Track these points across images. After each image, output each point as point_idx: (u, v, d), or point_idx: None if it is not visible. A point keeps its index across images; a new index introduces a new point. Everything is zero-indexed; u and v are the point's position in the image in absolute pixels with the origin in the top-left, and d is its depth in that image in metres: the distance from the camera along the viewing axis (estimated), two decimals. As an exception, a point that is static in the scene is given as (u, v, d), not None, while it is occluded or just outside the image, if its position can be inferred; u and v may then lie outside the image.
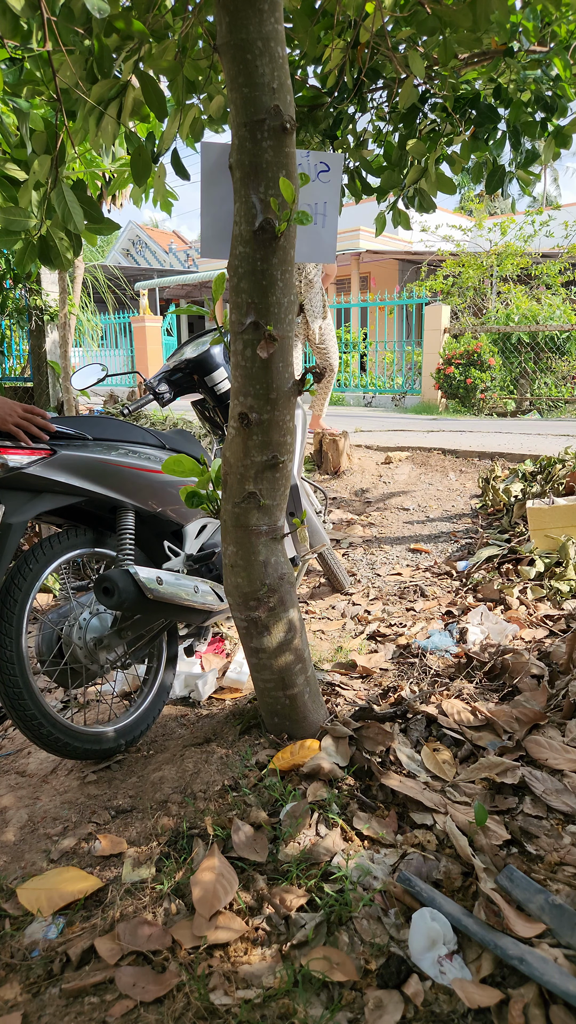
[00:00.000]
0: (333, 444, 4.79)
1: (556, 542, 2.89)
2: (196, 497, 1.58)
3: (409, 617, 2.76)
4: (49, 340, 7.16)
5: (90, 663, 1.89)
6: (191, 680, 2.35)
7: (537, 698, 1.80)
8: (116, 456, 1.90)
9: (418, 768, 1.55)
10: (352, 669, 2.31)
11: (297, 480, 2.59)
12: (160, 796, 1.66)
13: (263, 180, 1.27)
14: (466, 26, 2.02)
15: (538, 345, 9.82)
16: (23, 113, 2.05)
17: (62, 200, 2.16)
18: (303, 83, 2.61)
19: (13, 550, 1.71)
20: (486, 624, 2.44)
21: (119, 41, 1.99)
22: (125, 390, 11.76)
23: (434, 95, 2.49)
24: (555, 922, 1.09)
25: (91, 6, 1.67)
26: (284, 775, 1.56)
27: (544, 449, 4.71)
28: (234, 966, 1.11)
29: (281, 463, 1.48)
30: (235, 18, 1.20)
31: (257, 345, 1.34)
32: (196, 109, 2.33)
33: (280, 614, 1.59)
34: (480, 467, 4.69)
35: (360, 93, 2.48)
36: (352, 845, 1.35)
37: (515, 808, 1.41)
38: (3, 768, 2.00)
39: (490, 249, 11.33)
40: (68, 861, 1.50)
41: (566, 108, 2.46)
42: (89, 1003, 1.09)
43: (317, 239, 1.94)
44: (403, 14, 2.19)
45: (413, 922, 1.11)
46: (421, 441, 5.51)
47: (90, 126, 2.10)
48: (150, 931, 1.19)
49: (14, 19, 1.91)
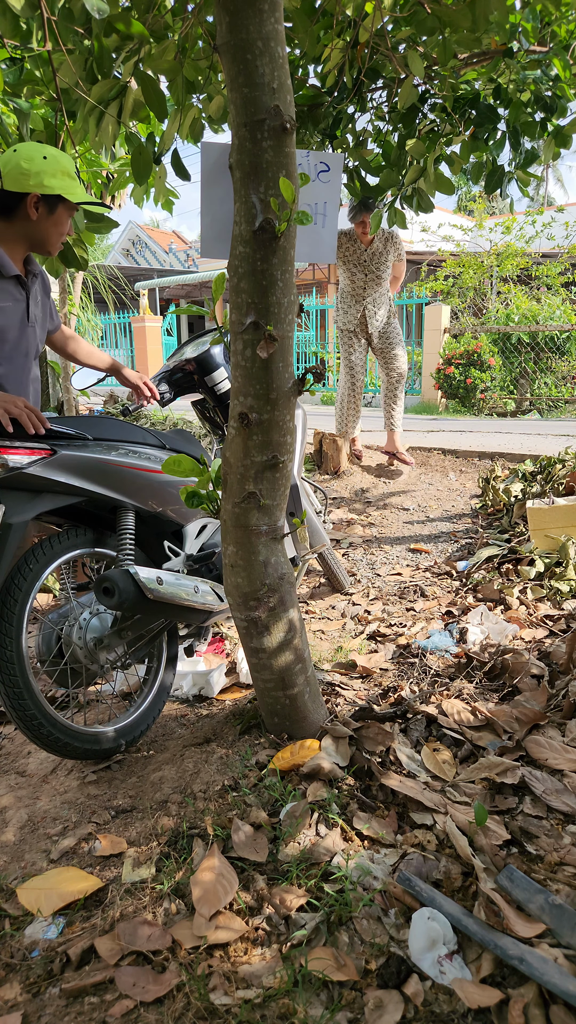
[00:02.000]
0: (333, 444, 4.79)
1: (556, 542, 2.89)
2: (196, 497, 1.58)
3: (409, 617, 2.76)
4: (49, 340, 7.11)
5: (90, 663, 1.89)
6: (200, 678, 2.35)
7: (537, 698, 1.80)
8: (116, 456, 1.90)
9: (418, 768, 1.55)
10: (352, 669, 2.31)
11: (297, 480, 2.59)
12: (160, 796, 1.66)
13: (263, 180, 1.27)
14: (465, 26, 2.02)
15: (538, 345, 9.82)
16: (23, 113, 2.05)
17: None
18: (303, 83, 2.61)
19: (13, 550, 1.71)
20: (486, 624, 2.44)
21: (119, 41, 1.99)
22: (125, 390, 11.76)
23: (434, 95, 2.49)
24: (555, 922, 1.09)
25: (91, 6, 1.67)
26: (284, 775, 1.56)
27: (544, 449, 4.71)
28: (234, 966, 1.11)
29: (281, 463, 1.48)
30: (235, 18, 1.20)
31: (257, 345, 1.34)
32: (196, 109, 2.33)
33: (280, 614, 1.59)
34: (480, 467, 4.70)
35: (360, 93, 2.48)
36: (352, 845, 1.35)
37: (515, 808, 1.41)
38: (3, 768, 2.00)
39: (490, 249, 11.33)
40: (68, 861, 1.50)
41: (566, 108, 2.46)
42: (89, 1003, 1.09)
43: (317, 239, 1.94)
44: (402, 14, 2.20)
45: (413, 922, 1.11)
46: (421, 441, 5.51)
47: (90, 126, 2.10)
48: (150, 931, 1.19)
49: (14, 19, 1.91)
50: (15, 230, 1.91)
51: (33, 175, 1.82)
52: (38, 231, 1.92)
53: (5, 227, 1.91)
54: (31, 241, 1.95)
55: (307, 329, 12.72)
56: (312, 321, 12.81)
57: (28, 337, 2.01)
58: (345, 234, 4.47)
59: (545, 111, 2.45)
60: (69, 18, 1.92)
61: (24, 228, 1.91)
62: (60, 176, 1.86)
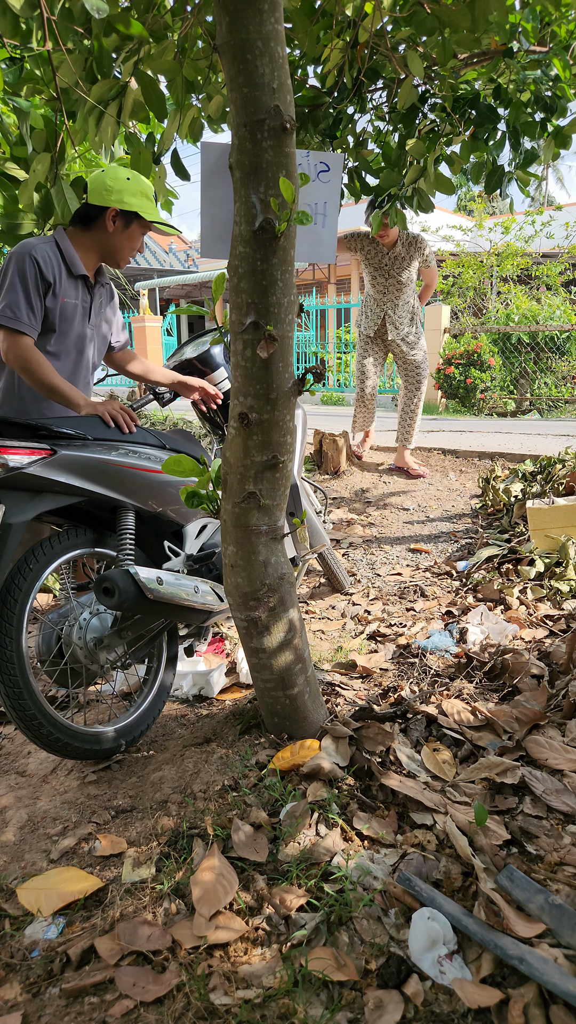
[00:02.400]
0: (333, 444, 4.79)
1: (556, 542, 2.89)
2: (196, 497, 1.58)
3: (409, 617, 2.76)
4: (49, 340, 7.12)
5: (90, 663, 1.89)
6: (200, 678, 2.35)
7: (537, 698, 1.80)
8: (116, 456, 1.90)
9: (418, 768, 1.55)
10: (352, 669, 2.31)
11: (297, 480, 2.59)
12: (160, 796, 1.66)
13: (263, 180, 1.27)
14: (465, 26, 2.02)
15: (538, 345, 9.82)
16: (23, 112, 2.05)
17: (61, 198, 2.16)
18: (303, 83, 2.61)
19: (13, 550, 1.71)
20: (486, 624, 2.44)
21: (118, 41, 1.99)
22: (125, 390, 11.77)
23: (433, 95, 2.49)
24: (555, 922, 1.09)
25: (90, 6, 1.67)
26: (284, 775, 1.56)
27: (544, 449, 4.71)
28: (234, 966, 1.11)
29: (281, 463, 1.48)
30: (235, 18, 1.20)
31: (257, 345, 1.34)
32: (196, 109, 2.33)
33: (280, 614, 1.59)
34: (480, 467, 4.70)
35: (360, 93, 2.48)
36: (352, 845, 1.35)
37: (515, 808, 1.41)
38: (3, 768, 2.00)
39: (490, 249, 11.33)
40: (68, 861, 1.50)
41: (565, 108, 2.46)
42: (89, 1003, 1.09)
43: (317, 239, 1.94)
44: (402, 14, 2.20)
45: (413, 922, 1.11)
46: (421, 441, 5.51)
47: (90, 126, 2.10)
48: (150, 931, 1.19)
49: (14, 19, 1.91)
50: (92, 239, 2.13)
51: (115, 192, 2.05)
52: (112, 242, 2.14)
53: (83, 235, 2.13)
54: (104, 251, 2.17)
55: (307, 329, 12.72)
56: (312, 321, 12.81)
57: (85, 337, 2.20)
58: (366, 236, 4.25)
59: (545, 111, 2.45)
60: (69, 18, 1.92)
61: (100, 238, 2.13)
62: (139, 196, 2.09)
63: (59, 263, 2.06)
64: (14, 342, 1.96)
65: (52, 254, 2.05)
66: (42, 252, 2.02)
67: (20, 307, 1.97)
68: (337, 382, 12.06)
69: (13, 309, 1.96)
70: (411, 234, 4.17)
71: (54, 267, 2.04)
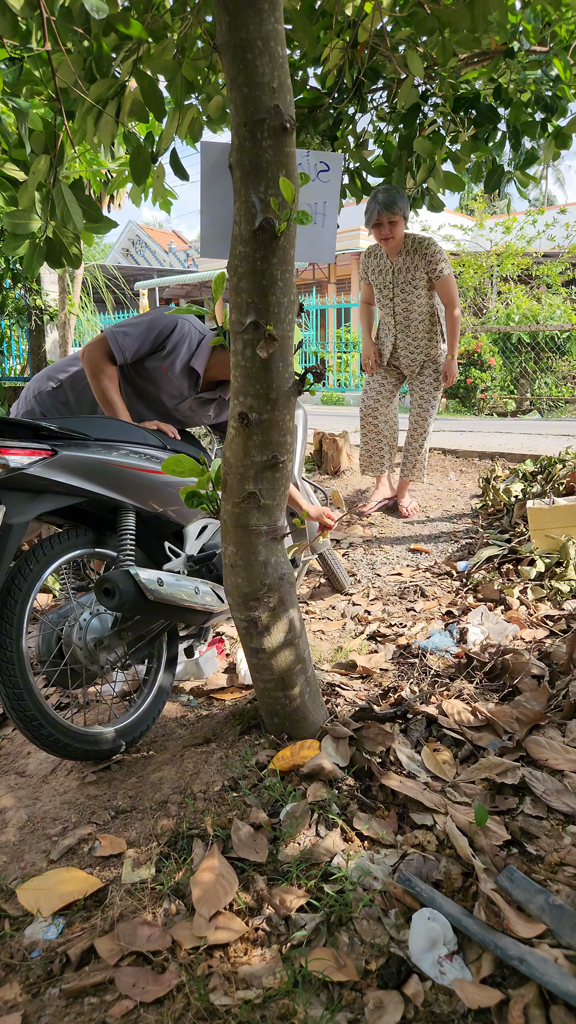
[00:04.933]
0: (333, 444, 4.79)
1: (556, 542, 2.89)
2: (196, 497, 1.58)
3: (409, 617, 2.76)
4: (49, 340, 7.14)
5: (90, 664, 1.89)
6: (191, 665, 2.37)
7: (537, 698, 1.80)
8: (117, 456, 1.90)
9: (418, 768, 1.55)
10: (352, 669, 2.31)
11: (297, 480, 2.59)
12: (160, 796, 1.66)
13: (263, 180, 1.27)
14: (465, 26, 2.02)
15: (538, 345, 9.82)
16: (22, 112, 2.05)
17: (61, 199, 2.16)
18: (303, 84, 2.61)
19: (14, 551, 1.71)
20: (486, 624, 2.44)
21: (118, 41, 1.99)
22: (125, 390, 11.73)
23: (434, 95, 2.49)
24: (555, 922, 1.09)
25: (90, 6, 1.67)
26: (284, 775, 1.56)
27: (544, 449, 4.71)
28: (234, 966, 1.11)
29: (281, 463, 1.48)
30: (235, 18, 1.20)
31: (257, 345, 1.34)
32: (195, 109, 2.33)
33: (280, 614, 1.59)
34: (480, 467, 4.69)
35: (360, 93, 2.48)
36: (352, 845, 1.34)
37: (515, 808, 1.41)
38: (3, 768, 2.00)
39: (490, 249, 11.33)
40: (68, 861, 1.49)
41: (566, 108, 2.46)
42: (89, 1003, 1.09)
43: (317, 239, 1.94)
44: (402, 14, 2.20)
45: (413, 922, 1.11)
46: (421, 441, 5.50)
47: (89, 126, 2.10)
48: (150, 931, 1.18)
49: (14, 19, 1.91)
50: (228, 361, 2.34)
51: None
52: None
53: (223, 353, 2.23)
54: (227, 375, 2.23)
55: (307, 329, 12.71)
56: (312, 321, 12.80)
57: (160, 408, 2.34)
58: (369, 254, 3.74)
59: (545, 111, 2.45)
60: (68, 18, 1.92)
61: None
62: None
63: (188, 349, 2.21)
64: (101, 355, 2.14)
65: (190, 336, 2.21)
66: (184, 328, 2.20)
67: (132, 338, 2.16)
68: (337, 382, 12.06)
69: (127, 336, 2.16)
70: (417, 236, 3.59)
71: (181, 345, 2.19)
